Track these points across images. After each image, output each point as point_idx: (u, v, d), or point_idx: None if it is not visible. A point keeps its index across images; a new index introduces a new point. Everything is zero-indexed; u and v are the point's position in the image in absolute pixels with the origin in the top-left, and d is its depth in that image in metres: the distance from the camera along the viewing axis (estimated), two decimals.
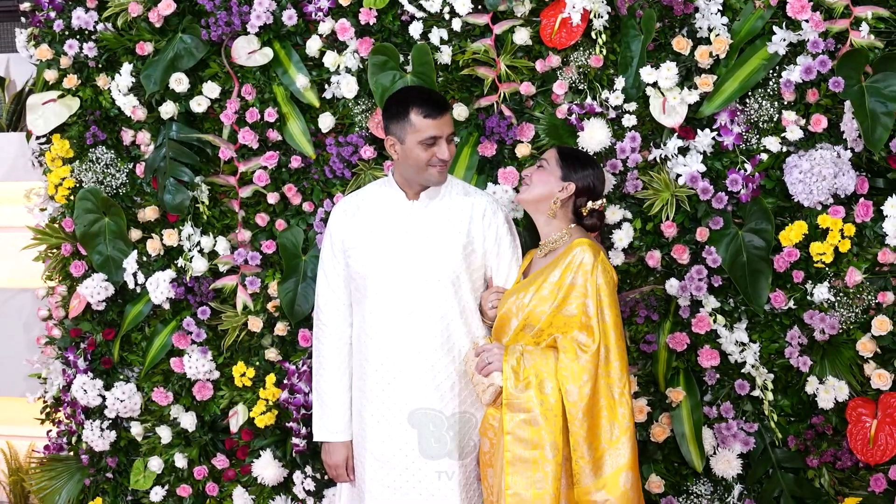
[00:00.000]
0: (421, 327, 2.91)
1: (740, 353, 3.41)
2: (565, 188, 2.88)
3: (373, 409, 2.97)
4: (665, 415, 3.49)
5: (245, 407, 3.80)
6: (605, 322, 2.73)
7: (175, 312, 3.87)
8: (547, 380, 2.72)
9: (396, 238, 2.94)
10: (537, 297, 2.79)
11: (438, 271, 2.91)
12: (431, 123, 2.82)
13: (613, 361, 2.74)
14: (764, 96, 3.37)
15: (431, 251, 2.93)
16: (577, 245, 2.79)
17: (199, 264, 3.76)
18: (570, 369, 2.70)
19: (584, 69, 3.47)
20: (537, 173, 2.90)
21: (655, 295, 3.45)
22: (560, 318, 2.77)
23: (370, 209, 3.01)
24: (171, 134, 3.74)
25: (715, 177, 3.39)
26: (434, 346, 2.92)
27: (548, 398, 2.70)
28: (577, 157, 2.94)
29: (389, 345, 2.94)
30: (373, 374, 2.96)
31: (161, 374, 3.93)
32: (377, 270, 2.94)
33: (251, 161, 3.74)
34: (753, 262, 3.36)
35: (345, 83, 3.61)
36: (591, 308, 2.72)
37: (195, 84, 3.77)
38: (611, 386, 2.73)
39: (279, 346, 3.79)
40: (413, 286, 2.91)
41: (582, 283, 2.73)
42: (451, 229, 2.95)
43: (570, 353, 2.72)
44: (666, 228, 3.41)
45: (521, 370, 2.74)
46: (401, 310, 2.92)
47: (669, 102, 3.36)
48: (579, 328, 2.73)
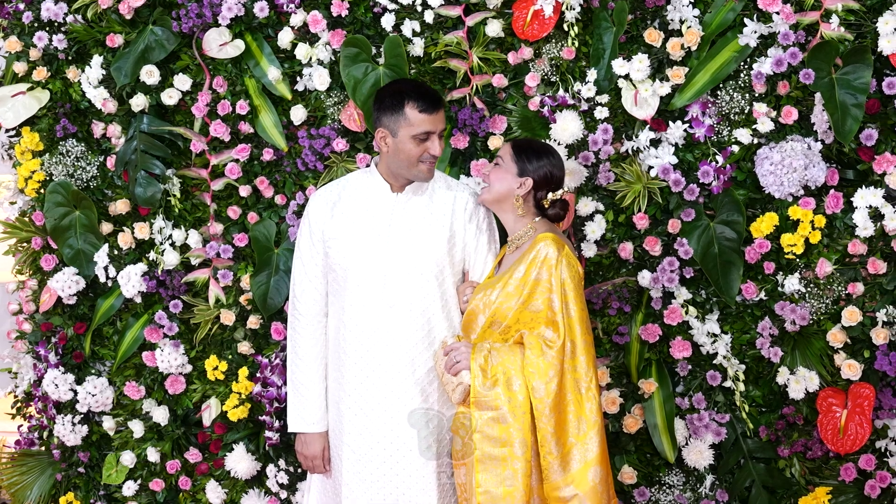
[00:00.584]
0: (402, 321, 2.91)
1: (712, 345, 3.43)
2: (523, 184, 2.86)
3: (350, 402, 2.96)
4: (637, 406, 3.51)
5: (218, 401, 3.80)
6: (570, 317, 2.73)
7: (147, 306, 3.85)
8: (514, 377, 2.71)
9: (379, 230, 2.93)
10: (503, 293, 2.78)
11: (422, 265, 2.91)
12: (427, 118, 2.82)
13: (580, 356, 2.73)
14: (735, 88, 3.39)
15: (415, 245, 2.92)
16: (540, 240, 2.78)
17: (171, 258, 3.74)
18: (537, 366, 2.69)
19: (557, 61, 3.48)
20: (494, 172, 2.88)
21: (628, 287, 3.46)
22: (527, 314, 2.77)
23: (352, 200, 2.99)
24: (142, 126, 3.73)
25: (686, 169, 3.41)
26: (415, 339, 2.92)
27: (515, 395, 2.70)
28: (531, 148, 2.91)
29: (369, 338, 2.93)
30: (351, 366, 2.95)
31: (133, 368, 3.92)
32: (358, 263, 2.93)
33: (223, 154, 3.73)
34: (725, 253, 3.37)
35: (317, 75, 3.60)
36: (556, 303, 2.72)
37: (166, 76, 3.75)
38: (578, 381, 2.72)
39: (252, 339, 3.78)
40: (395, 279, 2.91)
41: (546, 278, 2.73)
42: (434, 223, 2.94)
43: (536, 349, 2.71)
44: (638, 220, 3.42)
45: (488, 368, 2.73)
46: (382, 303, 2.91)
47: (641, 94, 3.37)
48: (546, 324, 2.73)
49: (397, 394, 2.91)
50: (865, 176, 3.34)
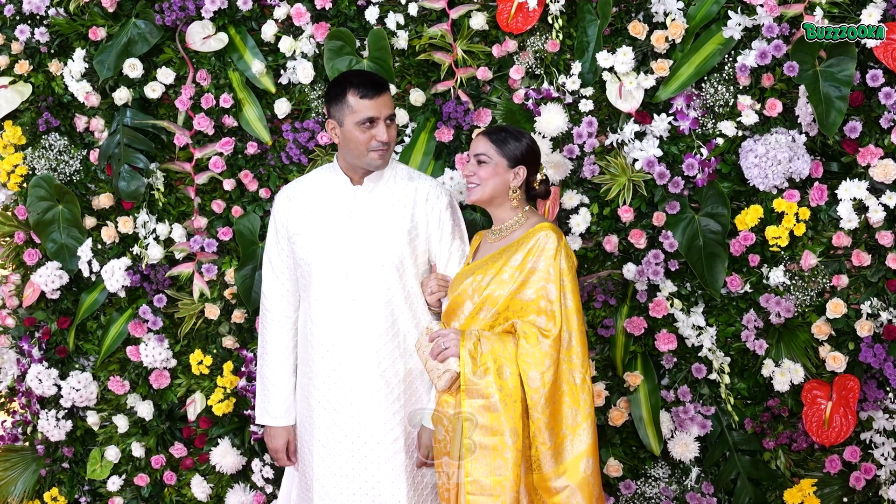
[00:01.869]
0: (366, 313, 2.91)
1: (697, 337, 3.45)
2: (517, 174, 2.85)
3: (319, 396, 2.96)
4: (623, 399, 3.52)
5: (202, 395, 3.80)
6: (567, 307, 2.72)
7: (131, 300, 3.84)
8: (506, 365, 2.69)
9: (340, 223, 2.93)
10: (496, 280, 2.77)
11: (382, 256, 2.91)
12: (368, 104, 2.81)
13: (575, 346, 2.72)
14: (719, 81, 3.39)
15: (375, 236, 2.92)
16: (540, 229, 2.77)
17: (155, 252, 3.74)
18: (533, 355, 2.67)
19: (541, 54, 3.48)
20: (482, 170, 2.84)
21: (613, 279, 3.46)
22: (517, 301, 2.75)
23: (314, 195, 3.00)
24: (126, 120, 3.71)
25: (671, 161, 3.41)
26: (379, 331, 2.91)
27: (507, 384, 2.67)
28: (509, 133, 2.87)
29: (335, 331, 2.93)
30: (319, 360, 2.95)
31: (117, 362, 3.91)
32: (321, 256, 2.93)
33: (207, 147, 3.73)
34: (710, 246, 3.38)
35: (301, 68, 3.60)
36: (552, 292, 2.70)
37: (149, 70, 3.74)
38: (572, 371, 2.71)
39: (236, 333, 3.78)
40: (357, 272, 2.91)
41: (544, 267, 2.71)
42: (394, 214, 2.94)
43: (532, 338, 2.69)
44: (623, 213, 3.42)
45: (478, 355, 2.71)
46: (345, 296, 2.91)
47: (626, 87, 3.37)
48: (537, 313, 2.71)
49: (363, 386, 2.91)
50: (850, 168, 3.34)
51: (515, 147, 2.83)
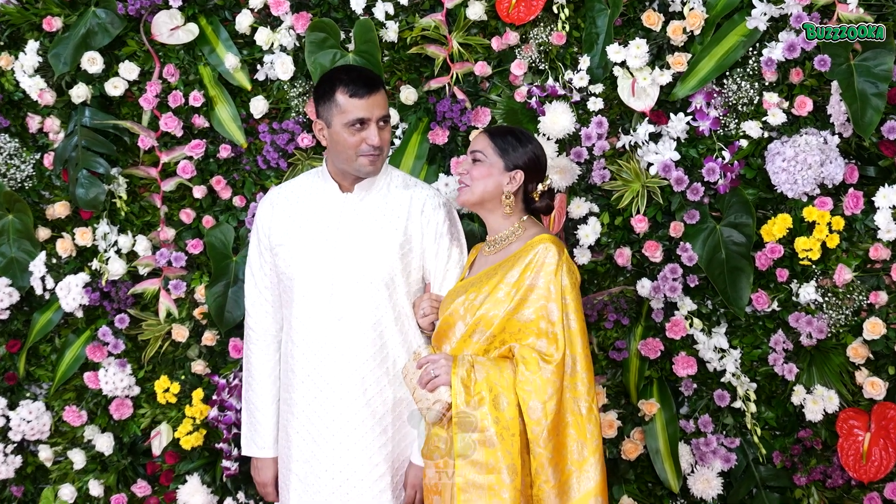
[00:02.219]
0: (351, 334, 2.85)
1: (719, 361, 3.38)
2: (513, 178, 2.78)
3: (298, 426, 2.91)
4: (637, 430, 3.46)
5: (169, 426, 3.72)
6: (570, 329, 2.65)
7: (89, 321, 3.78)
8: (503, 394, 2.61)
9: (326, 234, 2.89)
10: (491, 298, 2.70)
11: (371, 272, 2.85)
12: (358, 104, 2.75)
13: (580, 373, 2.65)
14: (743, 76, 3.33)
15: (364, 249, 2.87)
16: (538, 242, 2.70)
17: (117, 266, 3.66)
18: (533, 383, 2.59)
19: (546, 47, 3.41)
20: (475, 169, 2.79)
21: (625, 297, 3.41)
22: (514, 322, 2.67)
23: (299, 202, 2.95)
24: (84, 120, 3.64)
25: (690, 166, 3.36)
26: (366, 355, 2.85)
27: (504, 415, 2.59)
28: (513, 135, 2.82)
29: (317, 353, 2.87)
30: (299, 385, 2.90)
31: (73, 390, 3.84)
32: (304, 270, 2.88)
33: (174, 150, 3.66)
34: (733, 259, 3.31)
35: (279, 63, 3.53)
36: (554, 313, 2.64)
37: (111, 64, 3.67)
38: (577, 400, 2.64)
39: (207, 357, 3.71)
40: (343, 288, 2.86)
41: (544, 284, 2.64)
42: (386, 225, 2.89)
43: (532, 364, 2.61)
44: (636, 223, 3.36)
45: (472, 384, 2.63)
46: (329, 314, 2.86)
47: (639, 84, 3.31)
48: (537, 335, 2.64)
49: (346, 416, 2.85)
50: (888, 173, 3.29)
51: (515, 149, 2.78)
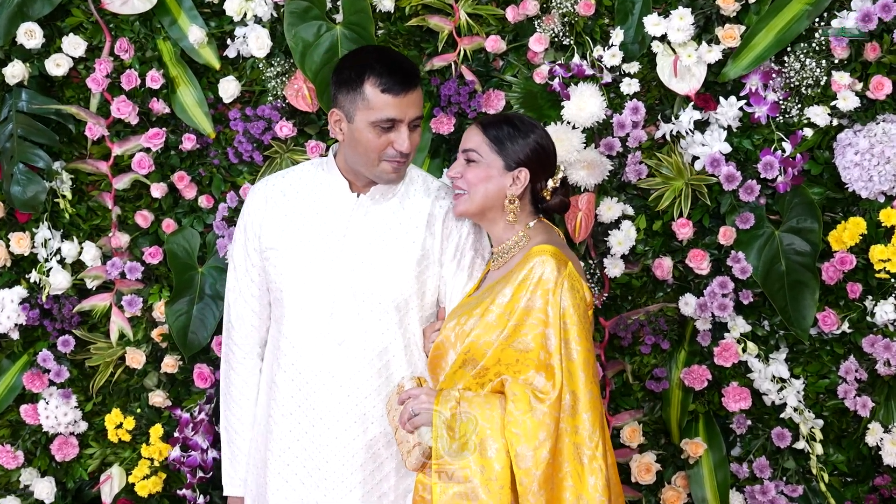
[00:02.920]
0: (353, 362, 2.68)
1: (779, 393, 3.24)
2: (516, 178, 2.59)
3: (278, 467, 2.74)
4: (680, 474, 3.35)
5: (122, 469, 3.57)
6: (571, 360, 2.46)
7: (27, 344, 3.60)
8: (490, 439, 2.45)
9: (330, 243, 2.71)
10: (482, 323, 2.53)
11: (381, 292, 2.68)
12: (390, 101, 2.55)
13: (582, 413, 2.46)
14: (807, 53, 3.16)
15: (374, 265, 2.70)
16: (535, 254, 2.52)
17: (60, 279, 3.49)
18: (523, 425, 2.42)
19: (571, 18, 3.23)
20: (470, 171, 2.61)
21: (666, 316, 3.28)
22: (510, 352, 2.50)
23: (299, 198, 2.78)
24: (20, 105, 3.46)
25: (743, 160, 3.23)
26: (368, 389, 2.68)
27: (491, 464, 2.43)
28: (510, 125, 2.64)
29: (309, 382, 2.70)
30: (282, 419, 2.72)
31: (7, 426, 3.65)
32: (300, 283, 2.71)
33: (129, 141, 3.49)
34: (795, 271, 3.19)
35: (253, 37, 3.36)
36: (552, 341, 2.46)
37: (52, 38, 3.49)
38: (579, 446, 2.46)
39: (168, 387, 3.55)
40: (346, 308, 2.69)
41: (541, 305, 2.48)
42: (402, 236, 2.72)
43: (523, 402, 2.44)
44: (679, 228, 3.22)
45: (456, 425, 2.49)
46: (328, 338, 2.69)
47: (683, 62, 3.17)
48: (537, 368, 2.47)
49: (343, 458, 2.69)
50: None
51: (515, 142, 2.62)
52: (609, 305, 3.28)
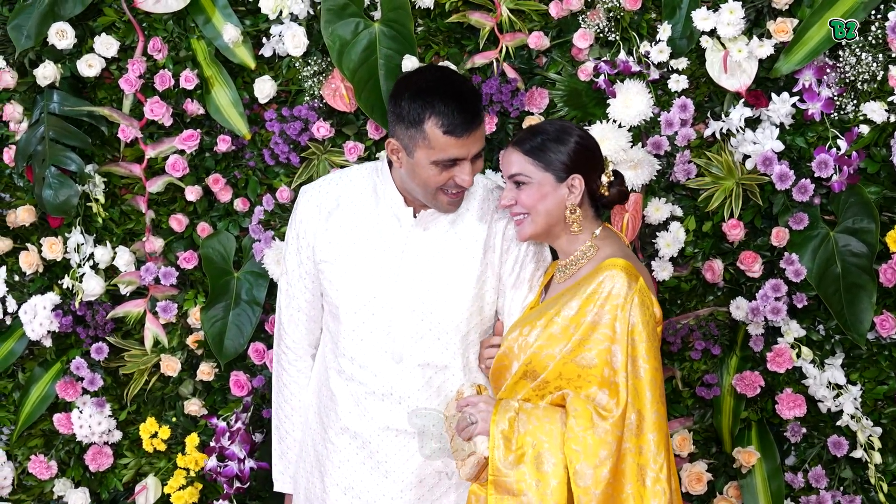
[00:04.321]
0: (412, 381, 2.71)
1: (835, 400, 3.22)
2: (571, 187, 2.58)
3: (339, 478, 2.78)
4: (732, 484, 3.34)
5: (157, 480, 3.61)
6: (638, 377, 2.47)
7: (60, 351, 3.63)
8: (547, 453, 2.46)
9: (387, 260, 2.72)
10: (545, 334, 2.55)
11: (441, 311, 2.70)
12: (454, 143, 2.53)
13: (647, 433, 2.47)
14: (863, 47, 3.13)
15: (434, 283, 2.71)
16: (606, 268, 2.53)
17: (93, 285, 3.50)
18: (584, 442, 2.44)
19: (617, 13, 3.23)
20: (523, 194, 2.61)
21: (716, 320, 3.26)
22: (572, 367, 2.51)
23: (354, 209, 2.77)
24: (52, 106, 3.49)
25: (797, 158, 3.20)
26: (429, 405, 2.72)
27: (547, 479, 2.44)
28: (545, 136, 2.63)
29: (364, 399, 2.73)
30: (339, 433, 2.76)
31: (41, 436, 3.70)
32: (356, 301, 2.73)
33: (162, 143, 3.51)
34: (851, 273, 3.17)
35: (289, 36, 3.36)
36: (618, 358, 2.47)
37: (84, 38, 3.51)
38: (643, 468, 2.46)
39: (204, 395, 3.58)
40: (405, 328, 2.71)
41: (609, 321, 2.49)
42: (462, 253, 2.73)
43: (584, 418, 2.45)
44: (729, 229, 3.20)
45: (514, 436, 2.49)
46: (386, 356, 2.71)
47: (733, 57, 3.15)
48: (599, 384, 2.49)
49: (400, 475, 2.72)
50: None
51: (558, 152, 2.60)
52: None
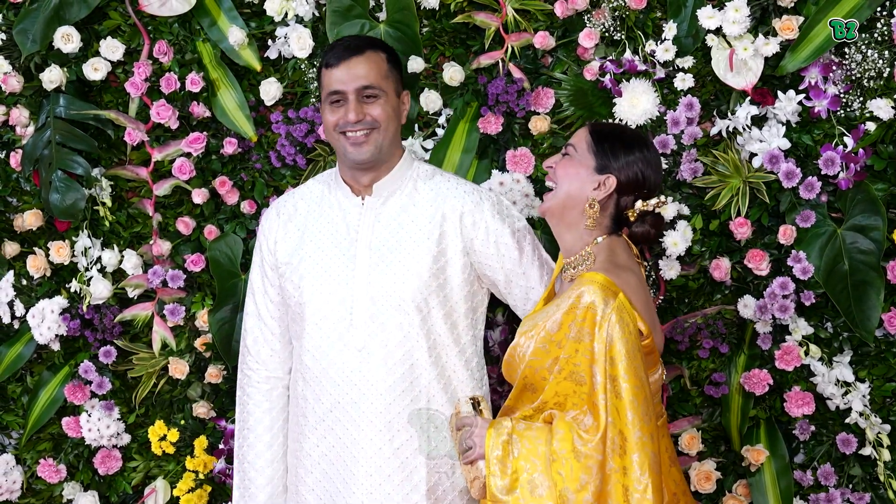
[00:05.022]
0: (376, 368, 2.74)
1: (843, 397, 3.21)
2: (602, 183, 2.59)
3: (312, 482, 2.81)
4: (741, 482, 3.32)
5: (166, 482, 3.62)
6: (619, 397, 2.46)
7: (68, 355, 3.64)
8: (540, 476, 2.48)
9: (342, 250, 2.81)
10: (534, 348, 2.57)
11: (398, 294, 2.75)
12: (332, 73, 2.72)
13: (631, 455, 2.45)
14: (870, 43, 3.12)
15: (389, 266, 2.77)
16: (585, 282, 2.51)
17: (101, 288, 3.52)
18: (566, 466, 2.45)
19: (622, 12, 3.24)
20: (563, 165, 2.65)
21: (724, 318, 3.25)
22: (566, 385, 2.53)
23: (310, 211, 2.89)
24: (58, 110, 3.52)
25: (803, 156, 3.20)
26: (393, 394, 2.74)
27: (542, 503, 2.47)
28: (620, 137, 2.67)
29: (332, 393, 2.77)
30: (311, 433, 2.80)
31: (49, 439, 3.71)
32: (316, 293, 2.80)
33: (169, 146, 3.53)
34: (859, 271, 3.17)
35: (295, 38, 3.39)
36: (597, 378, 2.47)
37: (90, 42, 3.55)
38: (627, 488, 2.44)
39: (212, 397, 3.59)
40: (364, 313, 2.76)
41: (588, 341, 2.49)
42: (416, 234, 2.79)
43: (567, 441, 2.46)
44: (737, 228, 3.20)
45: (508, 460, 2.51)
46: (348, 346, 2.77)
47: (739, 55, 3.15)
48: (589, 405, 2.50)
49: (370, 468, 2.74)
50: None
51: (616, 152, 2.62)
52: (665, 308, 3.26)
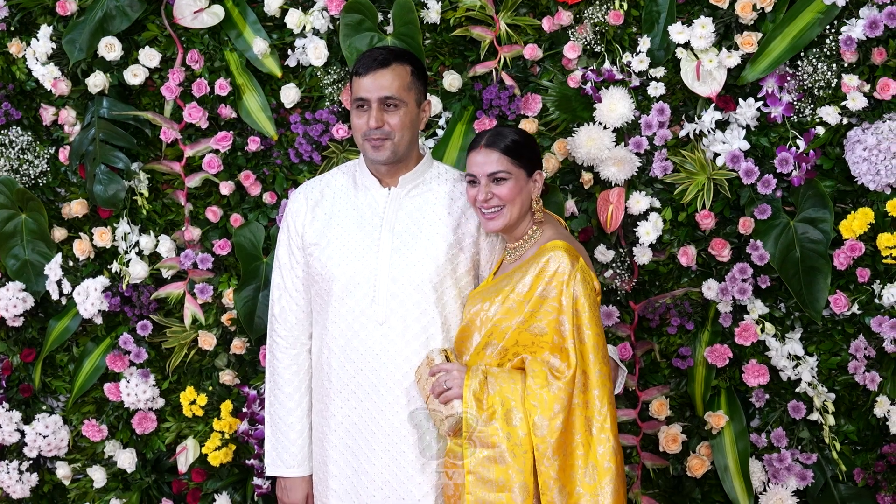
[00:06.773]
0: (395, 341, 2.87)
1: (794, 369, 3.37)
2: (536, 180, 2.82)
3: (335, 439, 2.92)
4: (704, 444, 3.45)
5: (196, 441, 3.75)
6: (583, 342, 2.67)
7: (109, 328, 3.80)
8: (515, 409, 2.67)
9: (367, 233, 2.92)
10: (503, 309, 2.74)
11: (418, 274, 2.87)
12: (360, 82, 2.82)
13: (592, 390, 2.67)
14: (819, 57, 3.30)
15: (410, 249, 2.89)
16: (550, 249, 2.73)
17: (138, 269, 3.69)
18: (540, 398, 2.64)
19: (602, 28, 3.40)
20: (503, 189, 2.76)
21: (690, 299, 3.41)
22: (527, 335, 2.72)
23: (336, 198, 2.98)
24: (102, 111, 3.66)
25: (761, 156, 3.35)
26: (411, 364, 2.86)
27: (516, 431, 2.65)
28: (514, 134, 2.81)
29: (356, 361, 2.88)
30: (336, 396, 2.91)
31: (93, 403, 3.87)
32: (343, 272, 2.90)
33: (199, 143, 3.68)
34: (809, 258, 3.32)
35: (312, 48, 3.54)
36: (565, 326, 2.67)
37: (130, 50, 3.69)
38: (589, 419, 2.66)
39: (236, 366, 3.73)
40: (386, 291, 2.87)
41: (556, 295, 2.68)
42: (436, 223, 2.92)
43: (541, 378, 2.66)
44: (702, 219, 3.36)
45: (484, 397, 2.69)
46: (371, 319, 2.87)
47: (705, 66, 3.31)
48: (551, 349, 2.69)
49: (388, 429, 2.87)
50: None
51: (527, 149, 2.81)
52: (638, 290, 3.41)
